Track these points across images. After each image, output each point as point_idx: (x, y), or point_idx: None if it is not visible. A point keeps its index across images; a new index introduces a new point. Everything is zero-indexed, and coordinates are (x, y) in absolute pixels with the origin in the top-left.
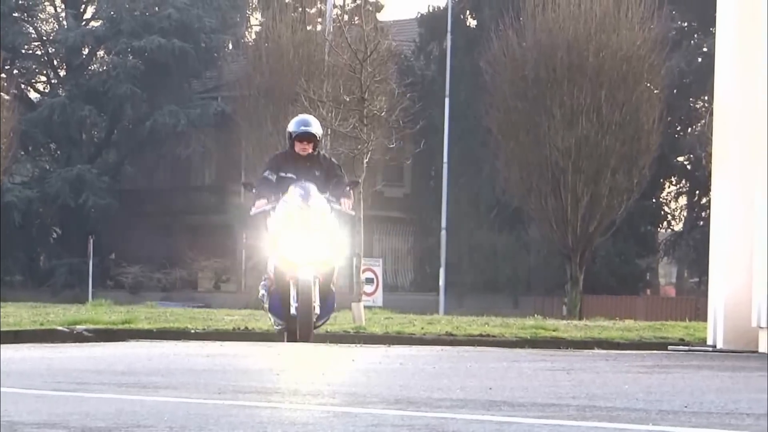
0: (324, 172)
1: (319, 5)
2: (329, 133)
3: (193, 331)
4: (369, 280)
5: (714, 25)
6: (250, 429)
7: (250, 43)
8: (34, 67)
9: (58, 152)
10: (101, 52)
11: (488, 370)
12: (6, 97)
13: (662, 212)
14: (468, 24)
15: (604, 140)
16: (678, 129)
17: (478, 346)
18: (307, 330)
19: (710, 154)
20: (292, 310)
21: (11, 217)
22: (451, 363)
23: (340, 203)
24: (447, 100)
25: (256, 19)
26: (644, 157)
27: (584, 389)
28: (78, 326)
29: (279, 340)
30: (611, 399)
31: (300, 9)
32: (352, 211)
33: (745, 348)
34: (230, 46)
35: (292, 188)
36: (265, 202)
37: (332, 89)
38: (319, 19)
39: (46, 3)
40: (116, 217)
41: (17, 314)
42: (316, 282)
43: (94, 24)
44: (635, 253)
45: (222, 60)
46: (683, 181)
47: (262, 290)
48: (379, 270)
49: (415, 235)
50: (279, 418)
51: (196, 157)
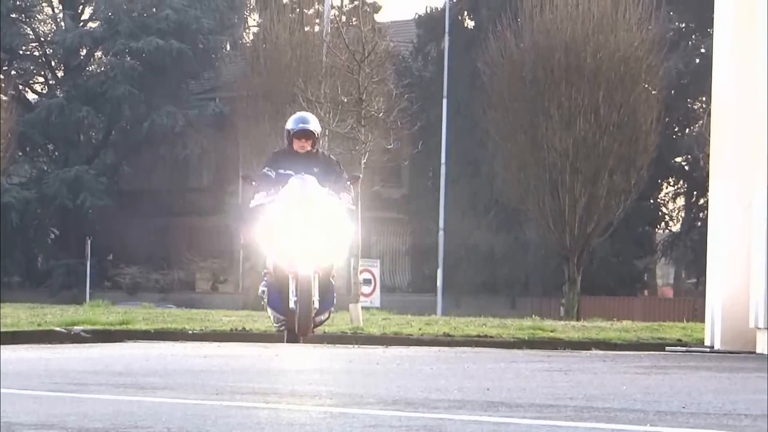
0: (323, 168)
1: (316, 6)
2: (327, 134)
3: (190, 332)
4: (366, 281)
5: (711, 26)
6: (247, 430)
7: (248, 44)
8: (31, 68)
9: (56, 153)
10: (99, 53)
11: (486, 370)
12: (4, 98)
13: (660, 213)
14: (466, 25)
15: (602, 141)
16: (676, 130)
17: (475, 346)
18: (306, 324)
19: (708, 155)
20: (291, 304)
21: (9, 218)
22: (448, 364)
23: (339, 198)
24: (445, 101)
25: (254, 20)
26: (642, 157)
27: (582, 390)
28: (75, 327)
29: (278, 341)
30: (609, 400)
31: (298, 10)
32: (352, 206)
33: (742, 349)
34: (228, 47)
35: (292, 179)
36: (264, 194)
37: (330, 90)
38: (317, 20)
39: (44, 4)
40: (114, 218)
41: (15, 315)
42: (316, 276)
43: (91, 25)
44: (633, 253)
45: (220, 61)
46: (681, 182)
47: (262, 287)
48: (376, 271)
49: (412, 235)
50: (277, 418)
51: (193, 158)
